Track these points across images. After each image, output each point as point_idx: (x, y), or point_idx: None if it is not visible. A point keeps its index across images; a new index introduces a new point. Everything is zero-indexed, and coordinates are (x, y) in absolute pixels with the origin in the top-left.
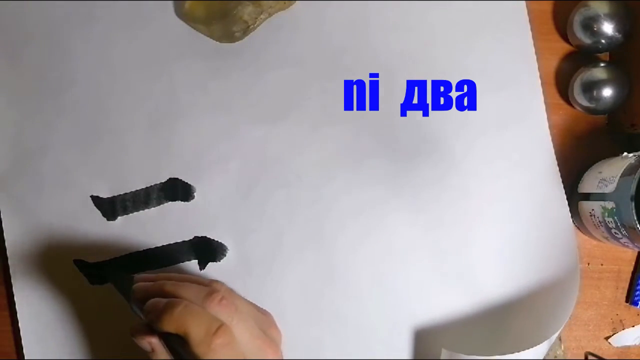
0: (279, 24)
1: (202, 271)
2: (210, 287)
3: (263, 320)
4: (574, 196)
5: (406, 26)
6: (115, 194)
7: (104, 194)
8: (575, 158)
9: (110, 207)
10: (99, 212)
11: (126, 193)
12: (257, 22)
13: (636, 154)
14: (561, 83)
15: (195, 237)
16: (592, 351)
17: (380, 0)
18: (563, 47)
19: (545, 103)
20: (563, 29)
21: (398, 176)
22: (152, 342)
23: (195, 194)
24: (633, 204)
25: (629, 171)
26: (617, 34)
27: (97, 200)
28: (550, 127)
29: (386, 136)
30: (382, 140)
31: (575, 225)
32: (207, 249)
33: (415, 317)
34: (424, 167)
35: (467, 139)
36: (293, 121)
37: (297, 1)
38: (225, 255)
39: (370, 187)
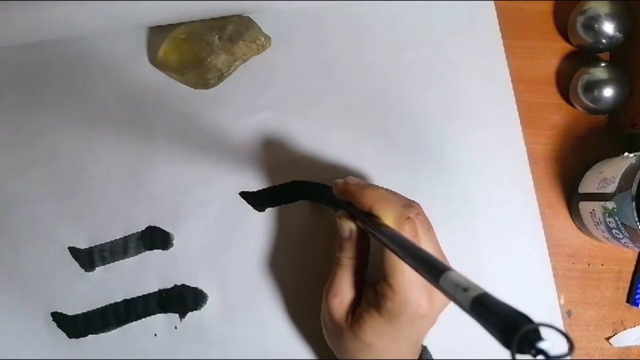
0: (255, 67)
1: (184, 319)
2: (411, 202)
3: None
4: (575, 196)
5: (382, 71)
6: (93, 245)
7: (82, 244)
8: (576, 158)
9: (88, 258)
10: (76, 263)
11: (104, 243)
12: (232, 69)
13: (637, 154)
14: (562, 83)
15: (175, 286)
16: (593, 351)
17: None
18: (564, 47)
19: (546, 103)
20: (564, 29)
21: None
22: (352, 229)
23: (174, 241)
24: (634, 204)
25: (630, 171)
26: (617, 33)
27: (74, 252)
28: (551, 127)
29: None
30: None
31: (576, 226)
32: (187, 298)
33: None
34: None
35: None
36: (276, 164)
37: (270, 46)
38: (205, 303)
39: None
